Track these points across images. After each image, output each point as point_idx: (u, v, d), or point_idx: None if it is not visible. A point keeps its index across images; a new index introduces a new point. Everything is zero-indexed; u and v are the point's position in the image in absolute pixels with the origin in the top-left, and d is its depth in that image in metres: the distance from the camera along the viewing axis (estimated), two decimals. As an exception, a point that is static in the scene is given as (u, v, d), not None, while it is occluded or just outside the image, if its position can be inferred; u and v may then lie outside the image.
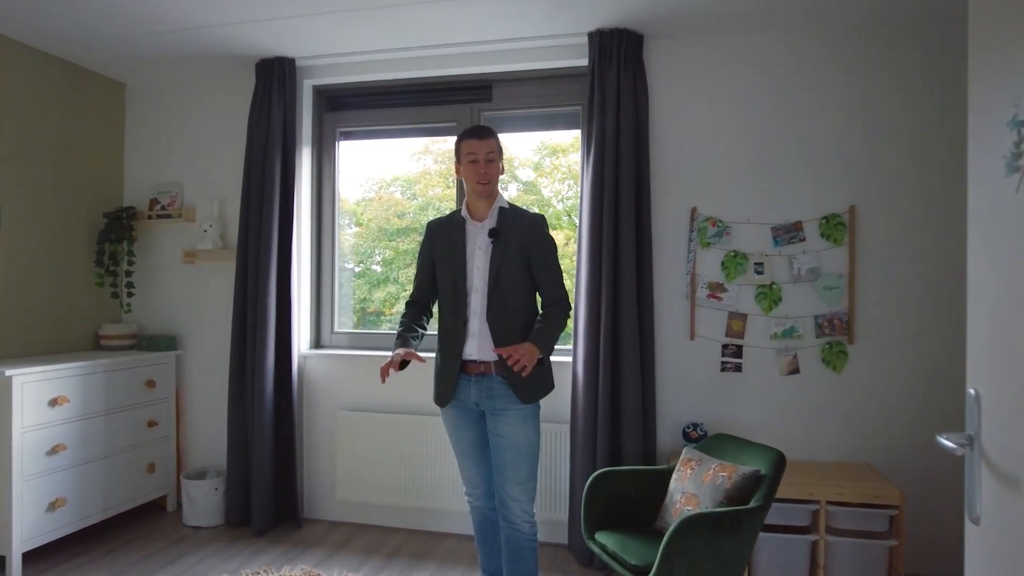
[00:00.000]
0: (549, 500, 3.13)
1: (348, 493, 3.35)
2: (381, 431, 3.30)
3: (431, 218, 2.45)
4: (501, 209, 2.26)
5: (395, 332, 2.33)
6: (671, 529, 1.95)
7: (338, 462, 3.37)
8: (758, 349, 2.97)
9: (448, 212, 2.47)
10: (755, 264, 2.97)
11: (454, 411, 2.28)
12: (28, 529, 2.76)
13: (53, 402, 2.85)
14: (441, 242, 2.31)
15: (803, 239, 2.93)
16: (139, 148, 3.77)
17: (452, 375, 2.22)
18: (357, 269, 3.73)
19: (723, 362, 3.00)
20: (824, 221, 2.90)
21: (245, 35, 3.08)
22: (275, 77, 3.32)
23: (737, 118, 3.00)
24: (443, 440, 3.19)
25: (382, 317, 3.69)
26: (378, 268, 3.76)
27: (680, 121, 3.06)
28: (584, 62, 3.07)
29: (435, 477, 3.24)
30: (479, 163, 2.20)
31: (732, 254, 2.98)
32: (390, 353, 3.25)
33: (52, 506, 2.85)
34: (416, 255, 2.48)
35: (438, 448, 3.22)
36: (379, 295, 3.72)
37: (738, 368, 2.99)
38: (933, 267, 2.83)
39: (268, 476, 3.26)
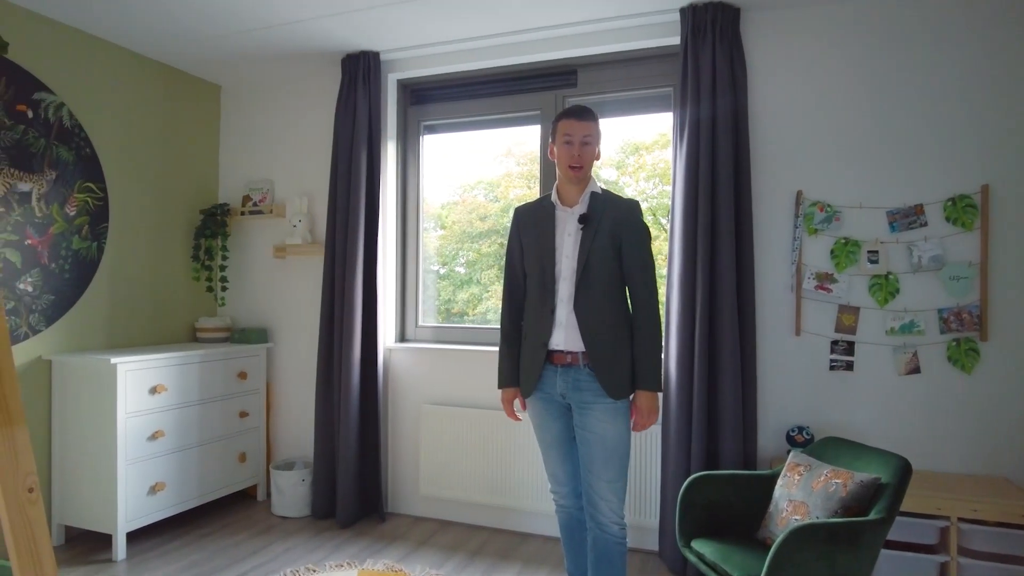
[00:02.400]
0: (639, 505, 2.96)
1: (432, 489, 3.32)
2: (465, 426, 3.25)
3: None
4: (593, 194, 2.13)
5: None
6: (779, 540, 1.76)
7: (422, 457, 3.34)
8: (872, 346, 2.69)
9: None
10: (868, 252, 2.69)
11: (540, 403, 2.17)
12: (131, 510, 2.88)
13: (153, 390, 2.96)
14: (529, 228, 2.20)
15: (924, 224, 2.63)
16: (233, 147, 3.90)
17: (537, 365, 2.10)
18: (442, 271, 3.72)
19: (832, 360, 2.74)
20: (950, 203, 2.59)
21: (331, 29, 3.11)
22: (360, 72, 3.34)
23: (848, 92, 2.74)
24: (529, 437, 3.09)
25: (465, 318, 3.66)
26: (462, 270, 3.73)
27: (782, 98, 2.83)
28: (675, 40, 2.91)
29: (520, 475, 3.15)
30: (574, 145, 2.08)
31: (843, 241, 2.72)
32: (476, 348, 3.28)
33: (153, 489, 2.96)
34: (501, 253, 2.38)
35: (524, 445, 3.13)
36: (463, 296, 3.70)
37: (849, 367, 2.72)
38: (1086, 254, 2.47)
39: (353, 469, 3.27)
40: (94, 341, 3.18)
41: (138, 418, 2.91)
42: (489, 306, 3.59)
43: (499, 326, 2.35)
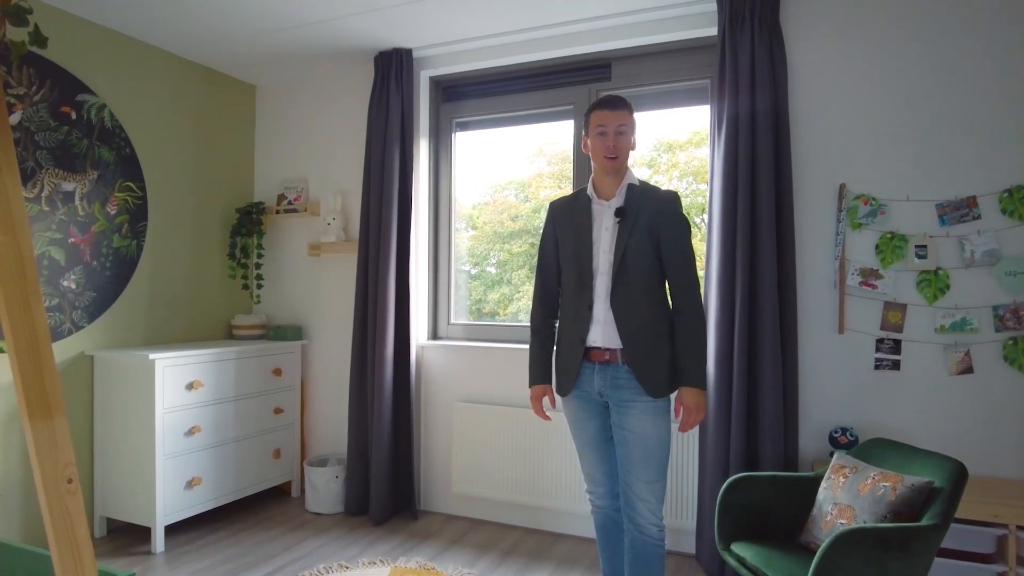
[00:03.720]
0: (675, 506, 2.90)
1: (464, 487, 3.30)
2: (498, 424, 3.22)
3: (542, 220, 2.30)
4: (630, 186, 2.08)
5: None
6: (826, 544, 1.69)
7: (454, 455, 3.32)
8: (920, 344, 2.58)
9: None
10: (916, 247, 2.59)
11: (576, 401, 2.13)
12: (169, 504, 2.92)
13: (190, 386, 3.00)
14: (564, 222, 2.15)
15: (977, 217, 2.51)
16: (268, 146, 3.94)
17: (574, 363, 2.06)
18: (474, 271, 3.71)
19: (877, 359, 2.64)
20: (1006, 195, 2.47)
21: (364, 27, 3.12)
22: (393, 69, 3.34)
23: (894, 80, 2.64)
24: (563, 436, 3.05)
25: (496, 318, 3.64)
26: (492, 270, 3.72)
27: (824, 88, 2.73)
28: (713, 31, 2.84)
29: (554, 475, 3.11)
30: (608, 135, 2.03)
31: (888, 236, 2.62)
32: (509, 345, 3.25)
33: (190, 484, 3.00)
34: (532, 253, 2.35)
35: (557, 444, 3.09)
36: (494, 296, 3.68)
37: (895, 366, 2.61)
38: None
39: (386, 466, 3.27)
40: (134, 337, 3.24)
41: (175, 413, 2.95)
42: (520, 306, 3.57)
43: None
